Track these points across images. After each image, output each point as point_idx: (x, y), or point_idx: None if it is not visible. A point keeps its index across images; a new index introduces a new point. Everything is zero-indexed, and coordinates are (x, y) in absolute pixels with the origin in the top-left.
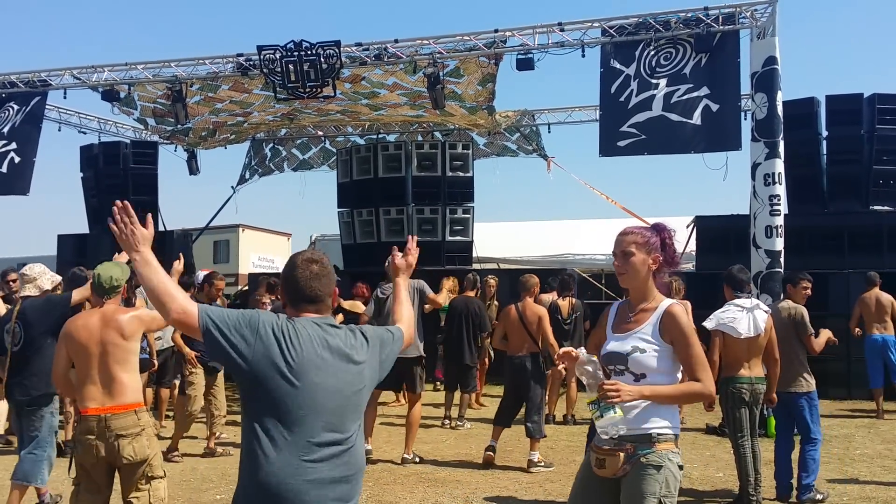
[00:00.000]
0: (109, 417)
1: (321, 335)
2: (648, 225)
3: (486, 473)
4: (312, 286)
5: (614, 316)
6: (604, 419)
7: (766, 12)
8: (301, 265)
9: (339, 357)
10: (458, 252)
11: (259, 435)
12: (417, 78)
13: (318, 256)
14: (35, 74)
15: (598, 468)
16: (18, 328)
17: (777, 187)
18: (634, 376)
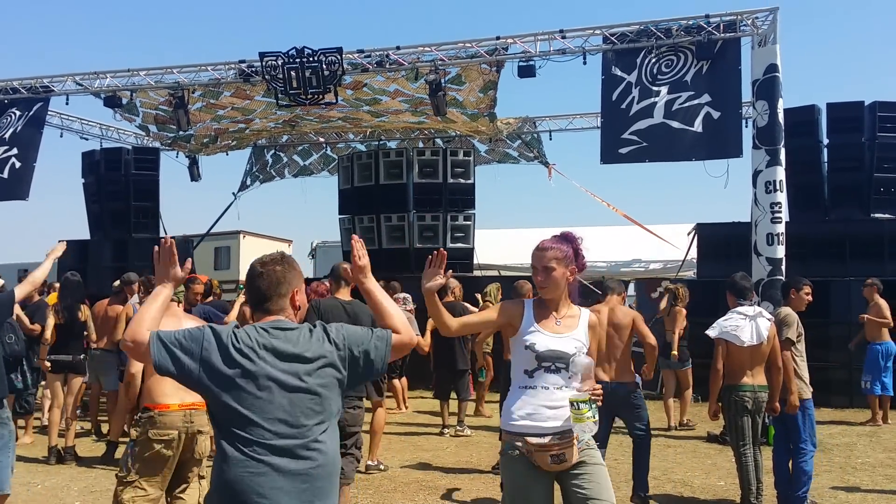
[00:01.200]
0: (194, 413)
1: (264, 339)
2: (559, 236)
3: (486, 481)
4: (276, 288)
5: (531, 311)
6: (590, 420)
7: (767, 20)
8: (264, 267)
9: (285, 358)
10: (459, 259)
11: (220, 438)
12: (419, 85)
13: (270, 258)
14: (37, 80)
15: (555, 463)
16: None
17: (778, 195)
18: (569, 374)
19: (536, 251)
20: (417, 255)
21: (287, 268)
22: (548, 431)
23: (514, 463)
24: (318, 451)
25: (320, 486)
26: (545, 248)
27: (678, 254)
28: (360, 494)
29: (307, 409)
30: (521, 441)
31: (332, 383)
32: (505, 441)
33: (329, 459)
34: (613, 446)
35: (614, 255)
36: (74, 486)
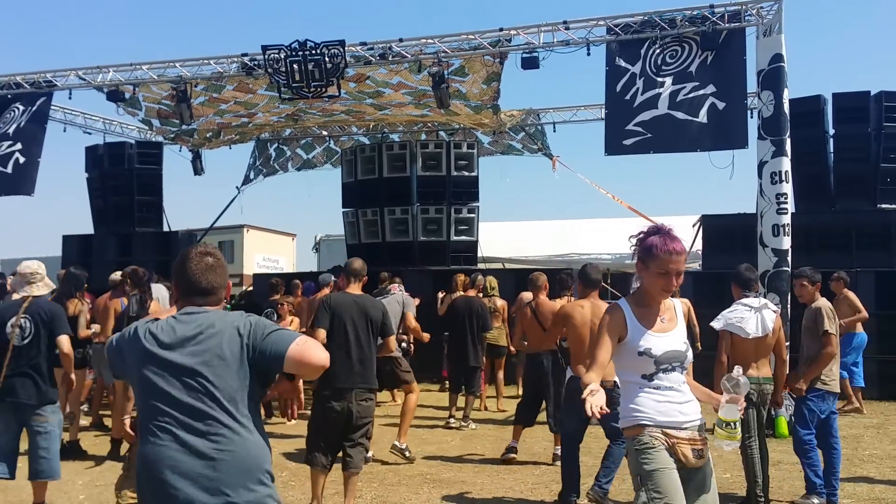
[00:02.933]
0: None
1: (170, 324)
2: (670, 233)
3: (491, 474)
4: (208, 278)
5: (633, 315)
6: (737, 439)
7: (772, 10)
8: (195, 258)
9: (182, 343)
10: (463, 252)
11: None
12: (422, 77)
13: (212, 249)
14: (40, 75)
15: (696, 458)
16: (29, 324)
17: (784, 185)
18: (684, 371)
19: (673, 255)
20: (421, 248)
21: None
22: (684, 426)
23: (659, 452)
24: (225, 438)
25: (222, 474)
26: (681, 251)
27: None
28: (364, 487)
29: (203, 397)
30: (662, 434)
31: (236, 370)
32: (639, 434)
33: (233, 446)
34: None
35: (619, 247)
36: (79, 480)
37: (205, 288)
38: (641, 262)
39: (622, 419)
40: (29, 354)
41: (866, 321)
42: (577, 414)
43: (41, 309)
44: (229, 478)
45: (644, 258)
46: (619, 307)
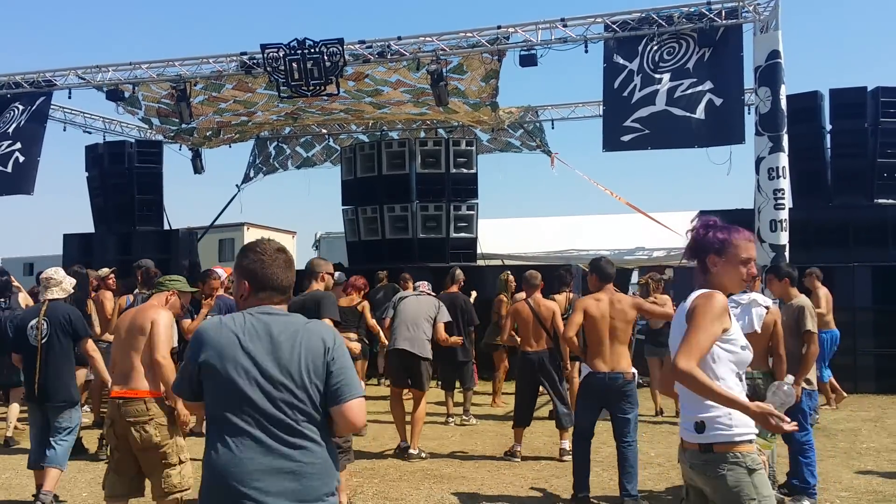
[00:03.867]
0: (121, 403)
1: (252, 324)
2: (705, 220)
3: (491, 469)
4: (287, 275)
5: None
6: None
7: (768, 6)
8: (271, 253)
9: (269, 347)
10: (462, 248)
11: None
12: (421, 75)
13: (281, 245)
14: (40, 74)
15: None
16: (46, 325)
17: (781, 181)
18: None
19: (748, 242)
20: (421, 245)
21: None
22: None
23: (766, 475)
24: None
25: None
26: (752, 238)
27: (682, 241)
28: (365, 483)
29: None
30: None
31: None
32: (749, 451)
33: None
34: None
35: (617, 244)
36: (82, 478)
37: (284, 286)
38: (716, 256)
39: (718, 432)
40: (49, 356)
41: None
42: (591, 410)
43: (57, 312)
44: (310, 493)
45: (720, 250)
46: (719, 293)
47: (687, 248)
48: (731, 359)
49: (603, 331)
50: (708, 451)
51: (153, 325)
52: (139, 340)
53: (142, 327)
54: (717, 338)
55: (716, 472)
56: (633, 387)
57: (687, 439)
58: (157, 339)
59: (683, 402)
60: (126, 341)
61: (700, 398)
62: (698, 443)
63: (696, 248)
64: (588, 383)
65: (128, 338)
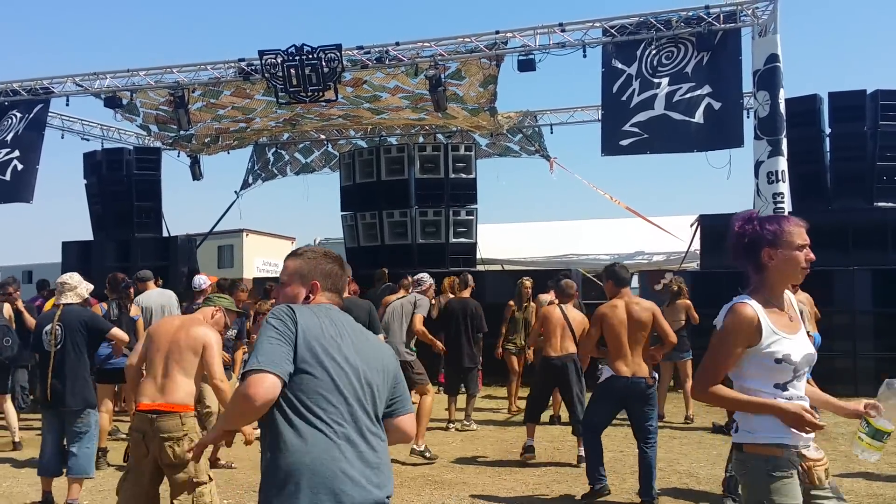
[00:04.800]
0: (155, 417)
1: (334, 321)
2: (745, 215)
3: (493, 475)
4: (346, 280)
5: (764, 315)
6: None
7: (767, 10)
8: (335, 259)
9: (355, 345)
10: (461, 254)
11: None
12: (419, 80)
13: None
14: (37, 82)
15: (826, 478)
16: (60, 330)
17: (780, 185)
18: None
19: (801, 227)
20: (420, 250)
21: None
22: (810, 443)
23: (794, 484)
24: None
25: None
26: (802, 223)
27: (681, 245)
28: None
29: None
30: (798, 456)
31: None
32: (775, 455)
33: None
34: (619, 438)
35: (617, 248)
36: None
37: (343, 289)
38: (770, 248)
39: (745, 434)
40: (64, 360)
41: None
42: (608, 410)
43: (72, 317)
44: (387, 487)
45: (774, 241)
46: (749, 306)
47: (734, 249)
48: (763, 373)
49: (622, 336)
50: (739, 450)
51: (206, 347)
52: (189, 357)
53: (194, 345)
54: (737, 357)
55: (743, 471)
56: (654, 391)
57: (733, 437)
58: (213, 362)
59: None
60: (170, 355)
61: None
62: (734, 442)
63: (745, 246)
64: (610, 386)
65: (173, 351)
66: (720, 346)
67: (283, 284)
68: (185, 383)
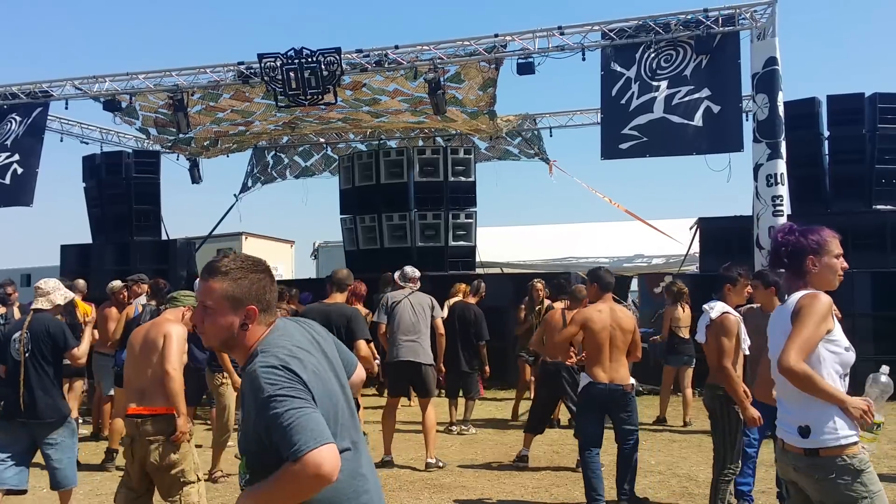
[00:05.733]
0: (140, 421)
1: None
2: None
3: (491, 479)
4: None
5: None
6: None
7: (765, 13)
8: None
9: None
10: (461, 257)
11: None
12: (418, 84)
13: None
14: (36, 85)
15: None
16: (28, 338)
17: (780, 188)
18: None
19: (836, 237)
20: (420, 253)
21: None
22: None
23: (874, 471)
24: None
25: None
26: (835, 233)
27: (680, 248)
28: None
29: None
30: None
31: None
32: (854, 452)
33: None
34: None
35: (616, 251)
36: (79, 490)
37: (275, 302)
38: (815, 256)
39: (824, 437)
40: (33, 370)
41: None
42: (594, 420)
43: (40, 324)
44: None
45: (818, 250)
46: (824, 293)
47: (775, 257)
48: (836, 360)
49: (603, 341)
50: (813, 456)
51: (166, 337)
52: (153, 355)
53: (154, 342)
54: (822, 338)
55: (824, 475)
56: (632, 397)
57: (789, 442)
58: (168, 351)
59: (784, 404)
60: (141, 357)
61: (804, 400)
62: (803, 447)
63: (790, 254)
64: (588, 393)
65: (143, 354)
66: (810, 322)
67: (208, 311)
68: (163, 384)
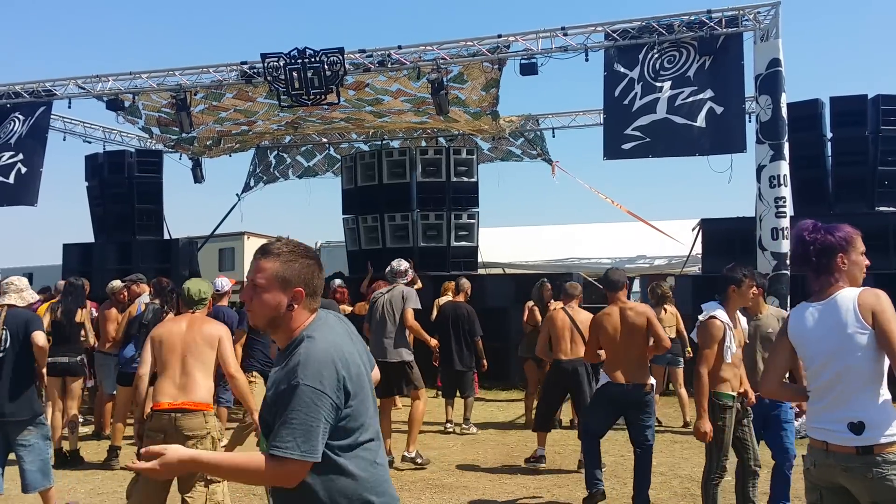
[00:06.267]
0: (178, 415)
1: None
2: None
3: (493, 479)
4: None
5: None
6: None
7: (769, 14)
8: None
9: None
10: (463, 257)
11: None
12: (421, 84)
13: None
14: (40, 84)
15: None
16: (5, 335)
17: (782, 189)
18: None
19: (859, 234)
20: (422, 253)
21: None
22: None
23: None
24: None
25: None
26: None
27: (683, 249)
28: None
29: None
30: None
31: None
32: None
33: None
34: (620, 443)
35: (619, 252)
36: (80, 489)
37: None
38: (844, 254)
39: (879, 432)
40: (6, 367)
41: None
42: (606, 416)
43: (15, 319)
44: None
45: (846, 247)
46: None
47: (802, 256)
48: (885, 363)
49: (618, 344)
50: (867, 454)
51: (221, 341)
52: (207, 353)
53: (209, 341)
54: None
55: (878, 473)
56: (651, 397)
57: (836, 442)
58: (227, 354)
59: (830, 405)
60: (187, 354)
61: (860, 396)
62: (855, 445)
63: (819, 252)
64: (607, 393)
65: (191, 350)
66: (893, 317)
67: (258, 289)
68: (204, 382)
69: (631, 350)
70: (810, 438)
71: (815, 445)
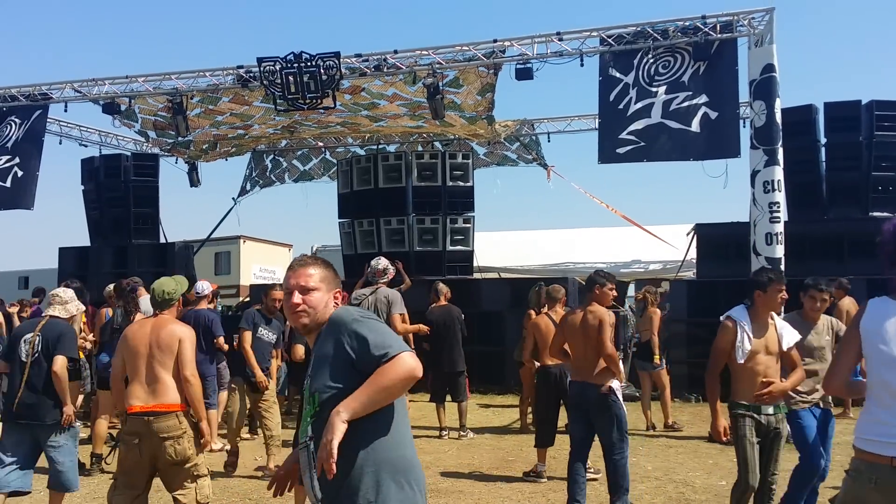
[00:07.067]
0: (152, 419)
1: None
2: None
3: (488, 484)
4: None
5: None
6: None
7: (763, 20)
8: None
9: None
10: (458, 262)
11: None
12: (417, 88)
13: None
14: (36, 88)
15: None
16: (39, 341)
17: (777, 194)
18: None
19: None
20: (417, 258)
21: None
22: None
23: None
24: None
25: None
26: None
27: (677, 254)
28: None
29: None
30: None
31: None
32: None
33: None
34: None
35: (614, 256)
36: (77, 493)
37: None
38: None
39: None
40: (39, 372)
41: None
42: (577, 421)
43: (52, 330)
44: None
45: None
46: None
47: (890, 252)
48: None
49: (575, 344)
50: None
51: (181, 341)
52: (168, 356)
53: (169, 344)
54: None
55: None
56: (612, 401)
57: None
58: (186, 357)
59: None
60: (153, 357)
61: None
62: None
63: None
64: (569, 392)
65: (154, 353)
66: None
67: (310, 291)
68: (173, 383)
69: (588, 350)
70: (864, 452)
71: (873, 460)
